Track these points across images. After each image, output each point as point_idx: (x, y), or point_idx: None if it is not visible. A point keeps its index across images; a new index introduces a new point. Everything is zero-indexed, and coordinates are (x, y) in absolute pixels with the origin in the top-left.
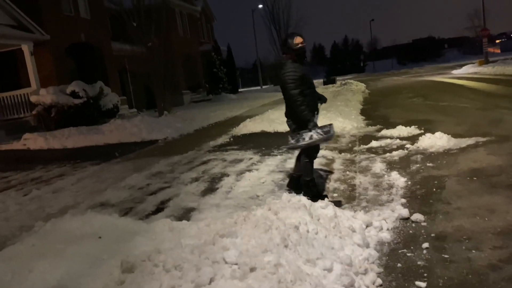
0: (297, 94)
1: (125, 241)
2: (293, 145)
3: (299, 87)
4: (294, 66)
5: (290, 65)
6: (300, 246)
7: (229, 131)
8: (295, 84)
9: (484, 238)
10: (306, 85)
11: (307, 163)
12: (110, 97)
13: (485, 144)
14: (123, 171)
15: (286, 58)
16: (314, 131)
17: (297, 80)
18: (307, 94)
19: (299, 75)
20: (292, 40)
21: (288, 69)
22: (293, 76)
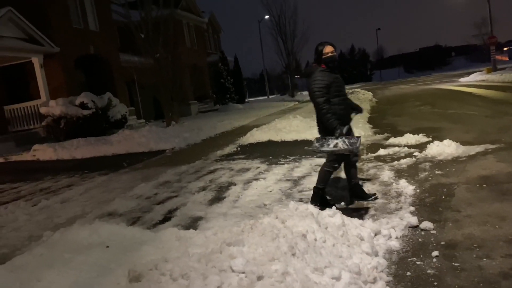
0: (322, 102)
1: (132, 250)
2: (316, 149)
3: (325, 95)
4: (322, 75)
5: (317, 73)
6: (308, 255)
7: (236, 141)
8: (321, 92)
9: (495, 246)
10: (334, 93)
11: (327, 172)
12: (118, 108)
13: (494, 151)
14: (131, 181)
15: (316, 66)
16: (340, 139)
17: (323, 88)
18: (335, 103)
19: (325, 84)
20: (322, 49)
21: (316, 78)
22: (319, 84)
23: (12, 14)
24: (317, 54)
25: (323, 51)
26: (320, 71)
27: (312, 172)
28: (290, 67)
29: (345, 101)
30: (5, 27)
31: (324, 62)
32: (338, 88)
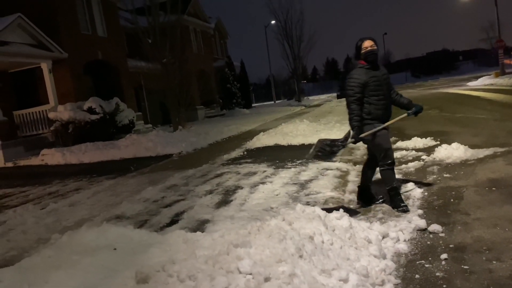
0: (350, 102)
1: (139, 253)
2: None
3: (357, 94)
4: (358, 73)
5: (354, 71)
6: (315, 257)
7: (243, 145)
8: (353, 91)
9: (505, 248)
10: (371, 92)
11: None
12: (126, 112)
13: (503, 154)
14: (138, 185)
15: (356, 63)
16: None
17: (356, 87)
18: (371, 102)
19: (360, 82)
20: (361, 44)
21: (351, 75)
22: (352, 83)
23: (21, 20)
24: (356, 49)
25: (362, 46)
26: (358, 67)
27: (319, 176)
28: (296, 71)
29: (383, 101)
30: (14, 33)
31: (363, 58)
32: (376, 87)
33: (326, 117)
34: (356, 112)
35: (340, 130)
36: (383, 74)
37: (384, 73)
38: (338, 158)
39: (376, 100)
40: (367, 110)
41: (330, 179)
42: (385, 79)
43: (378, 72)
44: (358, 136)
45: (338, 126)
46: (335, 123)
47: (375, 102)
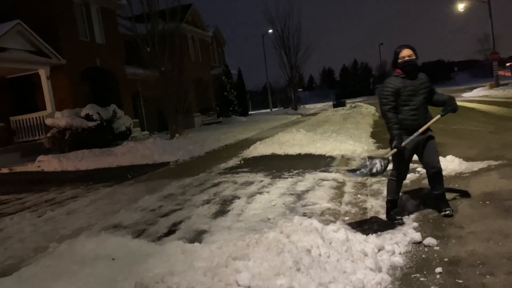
0: (386, 110)
1: (138, 263)
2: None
3: (391, 103)
4: (393, 80)
5: (389, 79)
6: (313, 270)
7: (240, 154)
8: (387, 100)
9: (498, 263)
10: (403, 102)
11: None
12: (123, 120)
13: (497, 167)
14: (135, 193)
15: (393, 71)
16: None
17: (390, 95)
18: (401, 112)
19: (393, 90)
20: (399, 52)
21: (385, 84)
22: (386, 92)
23: (20, 27)
24: (394, 56)
25: (399, 55)
26: (393, 76)
27: (315, 187)
28: (293, 80)
29: (414, 111)
30: (13, 39)
31: (400, 67)
32: (408, 97)
33: (323, 126)
34: (393, 121)
35: (336, 140)
36: (421, 84)
37: (422, 82)
38: (335, 168)
39: (406, 110)
40: (393, 120)
41: (327, 190)
42: (422, 88)
43: (415, 81)
44: (400, 144)
45: (334, 136)
46: (331, 133)
47: (404, 111)
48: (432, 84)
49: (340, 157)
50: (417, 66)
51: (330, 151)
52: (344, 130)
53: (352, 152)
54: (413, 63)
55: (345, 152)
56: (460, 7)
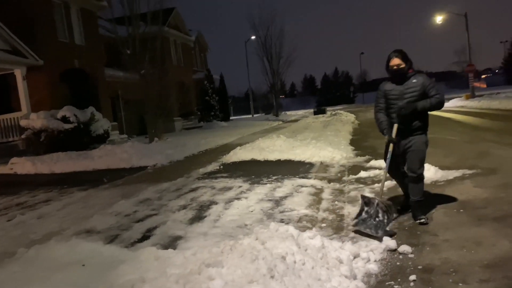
0: (375, 111)
1: (109, 270)
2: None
3: (380, 104)
4: (383, 84)
5: (382, 83)
6: (287, 277)
7: (219, 159)
8: (376, 102)
9: (471, 271)
10: (388, 105)
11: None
12: (101, 122)
13: (471, 176)
14: (110, 198)
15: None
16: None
17: (378, 98)
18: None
19: (381, 93)
20: (389, 60)
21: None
22: (377, 94)
23: None
24: (386, 62)
25: (389, 63)
26: (386, 79)
27: (294, 193)
28: (275, 87)
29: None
30: None
31: (389, 73)
32: (393, 100)
33: (303, 133)
34: (381, 120)
35: (316, 147)
36: (407, 89)
37: (410, 87)
38: (314, 175)
39: (391, 113)
40: (381, 120)
41: (305, 197)
42: (409, 93)
43: (401, 86)
44: (391, 136)
45: (314, 142)
46: (311, 140)
47: (391, 114)
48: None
49: (319, 163)
50: (405, 73)
51: (309, 158)
52: (324, 137)
53: (331, 159)
54: (399, 73)
55: (324, 159)
56: (438, 20)
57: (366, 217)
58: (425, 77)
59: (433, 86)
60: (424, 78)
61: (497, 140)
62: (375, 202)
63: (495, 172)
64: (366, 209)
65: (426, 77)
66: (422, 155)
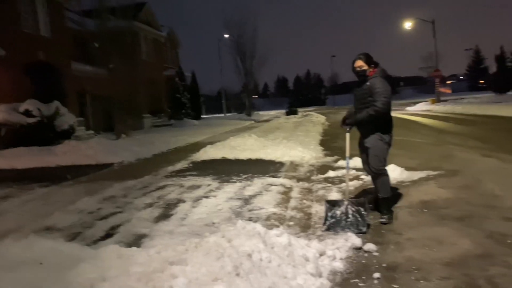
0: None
1: (69, 268)
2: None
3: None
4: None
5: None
6: (252, 275)
7: (189, 157)
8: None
9: (432, 268)
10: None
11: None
12: (66, 117)
13: (435, 177)
14: (73, 195)
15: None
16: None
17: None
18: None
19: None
20: (353, 62)
21: None
22: None
23: None
24: (351, 65)
25: (353, 64)
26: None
27: (263, 191)
28: (248, 86)
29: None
30: None
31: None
32: (356, 101)
33: (274, 132)
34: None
35: (286, 147)
36: (361, 90)
37: (362, 90)
38: (283, 174)
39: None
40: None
41: (274, 195)
42: (362, 95)
43: (360, 88)
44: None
45: (285, 142)
46: (282, 139)
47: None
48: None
49: (289, 163)
50: (365, 75)
51: (280, 157)
52: (294, 137)
53: (301, 159)
54: (360, 74)
55: (294, 159)
56: (407, 26)
57: (334, 221)
58: (376, 82)
59: (378, 91)
60: (374, 83)
61: (460, 143)
62: (345, 204)
63: (458, 174)
64: (330, 214)
65: (379, 82)
66: (378, 152)
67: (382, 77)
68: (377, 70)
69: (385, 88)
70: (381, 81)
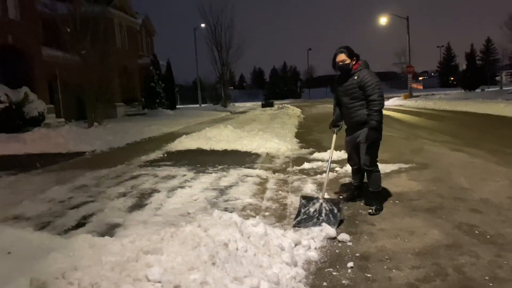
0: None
1: (38, 258)
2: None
3: (335, 99)
4: (334, 81)
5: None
6: (228, 264)
7: (164, 147)
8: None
9: (404, 258)
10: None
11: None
12: (35, 104)
13: (407, 170)
14: (43, 183)
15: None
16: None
17: (332, 92)
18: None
19: (333, 89)
20: (335, 57)
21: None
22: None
23: None
24: (333, 58)
25: (335, 59)
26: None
27: (239, 182)
28: (224, 77)
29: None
30: None
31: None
32: (340, 96)
33: (250, 124)
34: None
35: (262, 138)
36: (349, 85)
37: (349, 84)
38: (259, 165)
39: (341, 107)
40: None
41: (250, 186)
42: (349, 90)
43: (345, 83)
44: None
45: (261, 134)
46: (258, 131)
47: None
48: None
49: (265, 154)
50: (349, 69)
51: (255, 149)
52: (270, 129)
53: (277, 150)
54: (344, 68)
55: (270, 150)
56: (382, 21)
57: (306, 217)
58: (365, 74)
59: (370, 84)
60: (364, 76)
61: (431, 137)
62: (319, 202)
63: (428, 167)
64: (304, 210)
65: (368, 73)
66: (375, 149)
67: (367, 68)
68: (361, 63)
69: (376, 79)
70: (369, 73)
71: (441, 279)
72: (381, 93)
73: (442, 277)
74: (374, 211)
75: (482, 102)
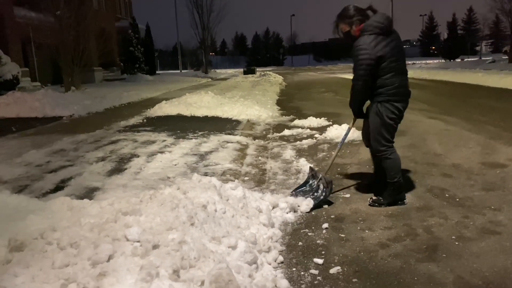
0: None
1: (16, 220)
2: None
3: None
4: None
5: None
6: (207, 225)
7: (143, 112)
8: None
9: (376, 219)
10: None
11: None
12: (9, 67)
13: None
14: (19, 147)
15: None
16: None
17: None
18: None
19: None
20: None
21: None
22: None
23: None
24: None
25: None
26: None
27: (219, 148)
28: (205, 42)
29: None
30: None
31: None
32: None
33: (232, 91)
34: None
35: (243, 105)
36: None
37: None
38: (240, 132)
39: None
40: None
41: (230, 152)
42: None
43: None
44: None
45: (242, 101)
46: (239, 98)
47: None
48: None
49: (246, 121)
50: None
51: (236, 115)
52: (251, 96)
53: (258, 117)
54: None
55: (251, 117)
56: None
57: (307, 190)
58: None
59: (355, 62)
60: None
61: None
62: (319, 176)
63: (405, 134)
64: (310, 182)
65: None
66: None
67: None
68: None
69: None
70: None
71: (410, 239)
72: (359, 76)
73: (412, 237)
74: (372, 202)
75: (461, 72)
